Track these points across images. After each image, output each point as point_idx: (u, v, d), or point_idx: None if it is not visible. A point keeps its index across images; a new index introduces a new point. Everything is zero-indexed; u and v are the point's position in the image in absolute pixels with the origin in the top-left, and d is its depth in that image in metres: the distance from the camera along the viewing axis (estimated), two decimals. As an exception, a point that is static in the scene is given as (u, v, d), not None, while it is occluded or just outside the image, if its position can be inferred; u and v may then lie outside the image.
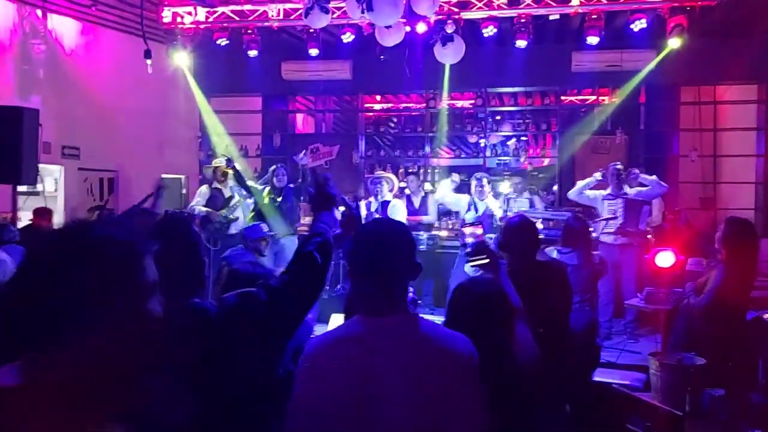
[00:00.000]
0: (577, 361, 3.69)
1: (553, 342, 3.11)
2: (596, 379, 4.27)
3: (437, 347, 1.69)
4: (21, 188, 6.50)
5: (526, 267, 3.09)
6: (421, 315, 1.89)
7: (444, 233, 8.05)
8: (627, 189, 6.81)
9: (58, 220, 7.94)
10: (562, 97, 9.89)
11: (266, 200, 7.22)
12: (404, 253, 1.78)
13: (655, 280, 5.37)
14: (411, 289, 5.40)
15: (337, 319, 5.81)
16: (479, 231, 3.26)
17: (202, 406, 1.70)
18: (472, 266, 2.86)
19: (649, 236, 6.94)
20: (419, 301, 6.19)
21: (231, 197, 7.20)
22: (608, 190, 6.81)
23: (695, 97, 9.28)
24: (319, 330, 3.87)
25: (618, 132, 9.09)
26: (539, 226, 6.66)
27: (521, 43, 7.66)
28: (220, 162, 7.54)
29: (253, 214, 7.19)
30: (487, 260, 2.79)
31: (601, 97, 9.79)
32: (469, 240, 3.11)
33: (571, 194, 7.23)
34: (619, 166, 6.86)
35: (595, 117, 9.48)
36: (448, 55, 7.17)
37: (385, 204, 7.36)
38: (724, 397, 3.47)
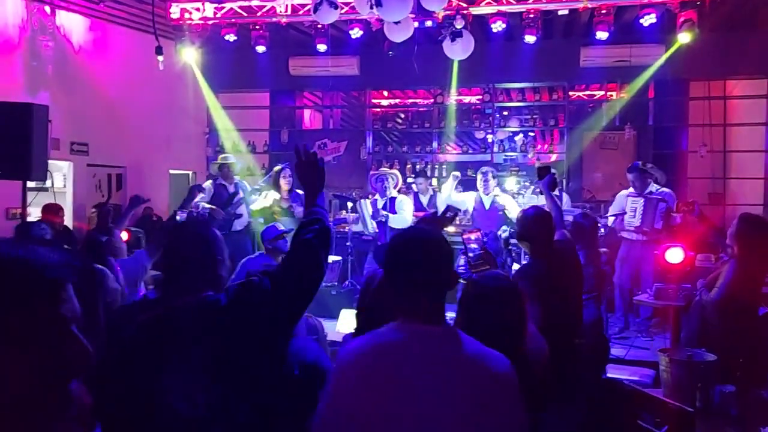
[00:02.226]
0: (588, 357, 3.69)
1: (572, 327, 3.16)
2: (606, 375, 4.27)
3: (479, 365, 1.66)
4: (30, 184, 6.52)
5: (547, 254, 3.12)
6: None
7: (452, 229, 8.04)
8: (653, 187, 6.73)
9: (67, 216, 7.98)
10: (571, 93, 9.86)
11: (276, 208, 6.93)
12: (448, 263, 1.78)
13: (665, 276, 5.36)
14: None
15: (346, 314, 5.83)
16: (478, 235, 3.33)
17: (218, 396, 1.71)
18: (475, 273, 2.94)
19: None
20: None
21: (235, 193, 7.19)
22: (630, 189, 6.74)
23: (705, 92, 9.22)
24: (327, 324, 3.88)
25: (627, 128, 9.05)
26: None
27: (530, 39, 7.64)
28: (226, 159, 7.54)
29: (259, 213, 7.04)
30: (488, 267, 2.99)
31: (609, 93, 9.75)
32: (473, 246, 3.15)
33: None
34: (640, 165, 6.76)
35: (604, 112, 9.44)
36: (457, 51, 7.15)
37: (392, 200, 7.35)
38: (734, 393, 3.46)
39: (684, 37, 7.31)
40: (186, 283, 1.89)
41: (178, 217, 3.42)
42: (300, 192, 6.90)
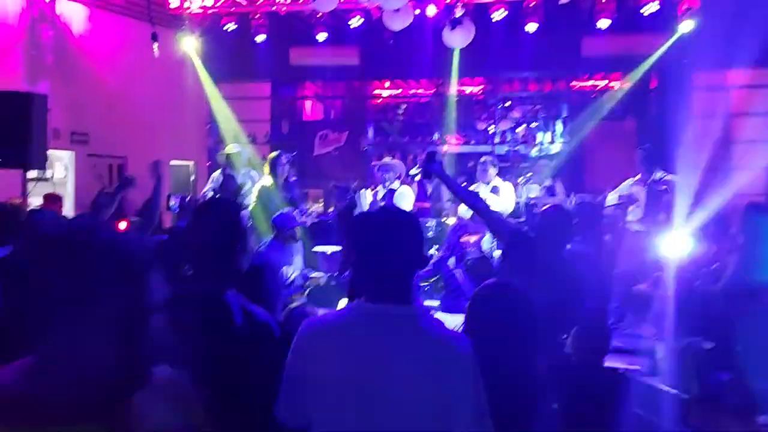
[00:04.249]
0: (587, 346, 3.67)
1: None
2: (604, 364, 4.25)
3: (437, 344, 1.65)
4: (31, 174, 6.53)
5: (558, 259, 3.09)
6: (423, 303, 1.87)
7: (452, 220, 8.02)
8: (658, 174, 6.69)
9: (68, 206, 7.99)
10: (573, 83, 9.81)
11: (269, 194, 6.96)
12: (413, 243, 1.73)
13: (664, 264, 5.33)
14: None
15: (344, 305, 5.83)
16: (477, 239, 3.33)
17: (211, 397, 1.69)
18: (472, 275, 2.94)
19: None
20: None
21: (243, 184, 7.16)
22: (638, 176, 6.71)
23: (708, 82, 9.16)
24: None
25: (628, 118, 9.01)
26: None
27: (531, 27, 7.60)
28: (233, 148, 7.53)
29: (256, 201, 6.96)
30: (486, 270, 2.91)
31: (611, 83, 9.70)
32: (471, 249, 3.15)
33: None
34: (648, 148, 6.73)
35: (606, 103, 9.40)
36: (457, 39, 7.13)
37: (391, 192, 7.31)
38: (731, 381, 3.45)
39: (686, 26, 7.26)
40: (200, 276, 1.82)
41: (171, 203, 3.42)
42: (293, 178, 6.90)
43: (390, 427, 1.58)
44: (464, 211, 7.31)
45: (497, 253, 5.84)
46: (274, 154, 6.88)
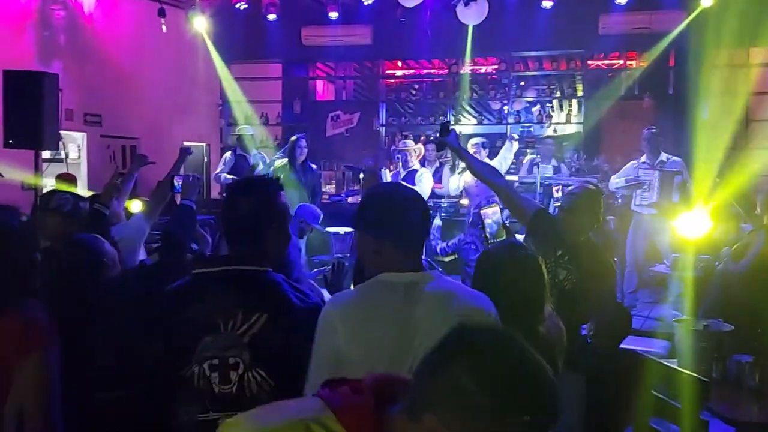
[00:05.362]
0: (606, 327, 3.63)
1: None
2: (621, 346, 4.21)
3: (465, 302, 1.70)
4: (45, 155, 6.54)
5: (585, 240, 3.05)
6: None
7: (465, 201, 7.96)
8: (663, 156, 6.62)
9: (81, 186, 8.01)
10: (589, 62, 9.64)
11: (281, 175, 6.96)
12: (427, 214, 1.82)
13: (682, 246, 5.26)
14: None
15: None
16: (496, 210, 3.27)
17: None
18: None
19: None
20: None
21: (255, 165, 7.17)
22: (643, 158, 6.62)
23: (727, 60, 8.96)
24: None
25: (646, 97, 8.85)
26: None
27: (547, 4, 7.47)
28: (245, 130, 7.51)
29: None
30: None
31: (628, 61, 9.52)
32: (489, 222, 3.10)
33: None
34: (655, 130, 6.66)
35: (622, 81, 9.24)
36: (471, 16, 7.02)
37: (412, 173, 7.29)
38: (752, 363, 3.39)
39: (706, 2, 7.11)
40: (242, 251, 1.81)
41: (175, 183, 3.41)
42: (314, 165, 6.91)
43: None
44: (454, 186, 7.29)
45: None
46: (294, 137, 6.93)
